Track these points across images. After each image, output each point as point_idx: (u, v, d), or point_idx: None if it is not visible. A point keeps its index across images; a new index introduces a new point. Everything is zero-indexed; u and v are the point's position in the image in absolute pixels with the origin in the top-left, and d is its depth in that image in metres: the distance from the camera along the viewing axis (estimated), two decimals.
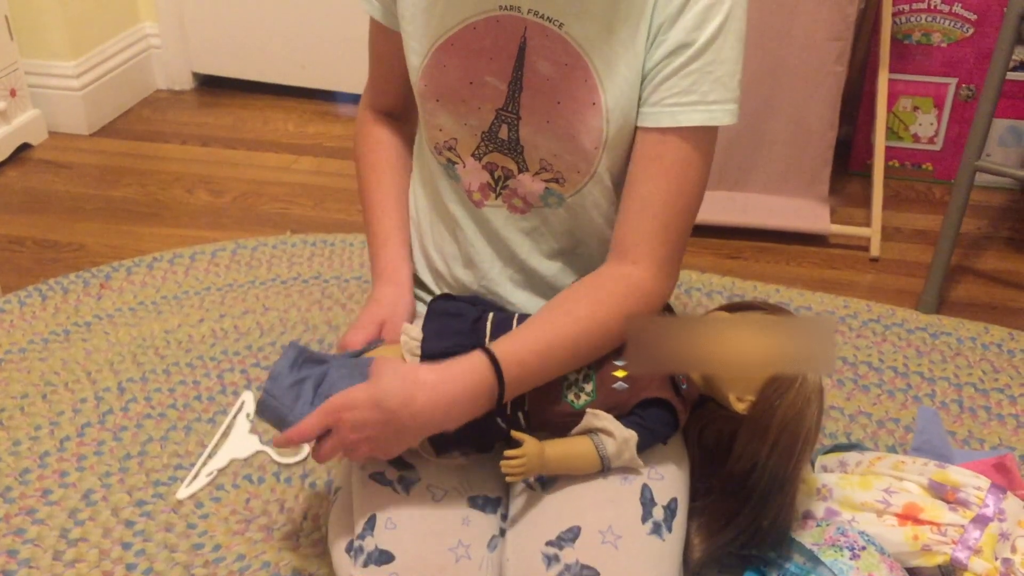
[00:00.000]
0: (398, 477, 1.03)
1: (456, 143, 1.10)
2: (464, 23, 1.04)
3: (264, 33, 2.51)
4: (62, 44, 2.30)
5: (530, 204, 1.11)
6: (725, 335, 1.06)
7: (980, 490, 1.15)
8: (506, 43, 1.04)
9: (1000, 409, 1.53)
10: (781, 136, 2.00)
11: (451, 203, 1.14)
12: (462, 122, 1.08)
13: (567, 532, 0.98)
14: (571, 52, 1.02)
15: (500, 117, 1.07)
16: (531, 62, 1.03)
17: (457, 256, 1.17)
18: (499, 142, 1.08)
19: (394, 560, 0.96)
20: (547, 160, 1.07)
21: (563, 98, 1.03)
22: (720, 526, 1.12)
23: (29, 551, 1.23)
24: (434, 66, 1.06)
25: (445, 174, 1.13)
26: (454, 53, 1.05)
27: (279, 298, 1.75)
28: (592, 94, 1.02)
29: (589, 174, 1.07)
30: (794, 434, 1.03)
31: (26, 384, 1.52)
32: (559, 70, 1.03)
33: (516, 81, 1.05)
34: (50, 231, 1.95)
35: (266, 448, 1.39)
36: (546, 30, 1.02)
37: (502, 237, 1.13)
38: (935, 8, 2.10)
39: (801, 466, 1.07)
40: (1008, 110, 2.14)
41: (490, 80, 1.05)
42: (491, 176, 1.11)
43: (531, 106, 1.05)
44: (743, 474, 1.08)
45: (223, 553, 1.24)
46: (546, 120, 1.05)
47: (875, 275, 1.90)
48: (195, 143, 2.36)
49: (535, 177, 1.09)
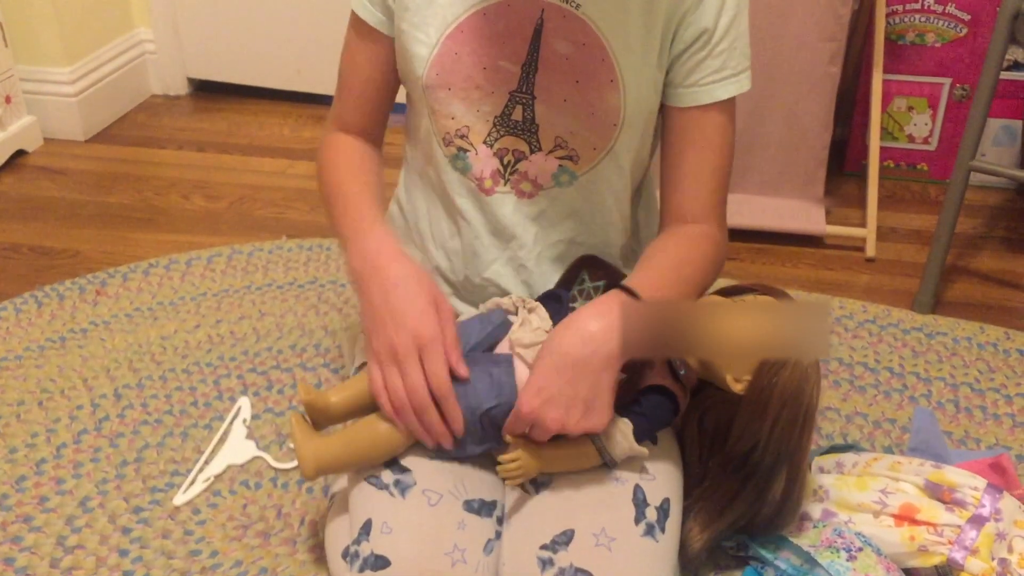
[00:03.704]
0: (394, 481, 1.02)
1: (468, 130, 1.10)
2: (473, 9, 1.06)
3: (259, 38, 2.51)
4: (57, 50, 2.29)
5: (540, 186, 1.12)
6: (719, 319, 1.06)
7: (976, 490, 1.15)
8: (520, 26, 1.06)
9: (996, 409, 1.53)
10: (776, 137, 2.01)
11: (458, 196, 1.14)
12: (475, 108, 1.09)
13: (561, 535, 0.98)
14: (588, 32, 1.05)
15: (514, 99, 1.09)
16: (548, 42, 1.06)
17: (459, 251, 1.17)
18: (512, 124, 1.09)
19: (390, 565, 0.96)
20: (563, 137, 1.09)
21: (581, 77, 1.07)
22: (719, 511, 1.12)
23: (26, 559, 1.23)
24: (445, 55, 1.07)
25: (452, 166, 1.13)
26: (465, 40, 1.06)
27: (275, 303, 1.75)
28: (610, 72, 1.06)
29: (605, 150, 1.10)
30: (794, 409, 1.03)
31: (22, 391, 1.51)
32: (577, 49, 1.06)
33: (531, 62, 1.07)
34: (46, 237, 1.95)
35: (263, 454, 1.39)
36: (563, 11, 1.05)
37: (508, 225, 1.14)
38: (929, 8, 2.10)
39: (806, 439, 1.07)
40: (1002, 110, 2.14)
41: (503, 64, 1.07)
42: (500, 162, 1.11)
43: (547, 86, 1.07)
44: (743, 455, 1.07)
45: (220, 559, 1.23)
46: (563, 99, 1.08)
47: (871, 275, 1.91)
48: (190, 148, 2.35)
49: (548, 156, 1.11)
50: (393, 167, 1.29)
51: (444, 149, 1.13)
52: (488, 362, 1.04)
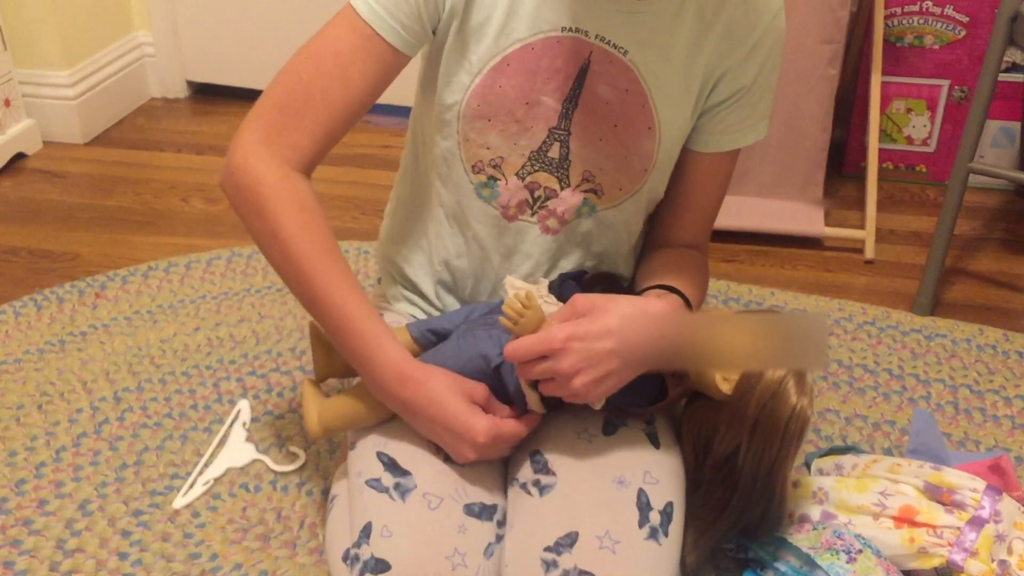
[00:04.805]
0: (394, 484, 1.02)
1: (502, 161, 1.10)
2: (521, 43, 1.04)
3: (258, 41, 2.51)
4: (56, 54, 2.30)
5: (565, 221, 1.13)
6: (717, 331, 1.06)
7: (976, 492, 1.15)
8: (565, 64, 1.05)
9: (995, 410, 1.54)
10: (775, 140, 2.01)
11: (477, 222, 1.14)
12: (511, 141, 1.08)
13: (564, 537, 0.98)
14: (632, 79, 1.06)
15: (552, 135, 1.08)
16: (591, 85, 1.06)
17: (465, 271, 1.17)
18: (547, 161, 1.09)
19: (390, 569, 0.96)
20: (591, 172, 1.10)
21: (620, 122, 1.07)
22: (711, 520, 1.12)
23: (26, 562, 1.23)
24: (488, 85, 1.06)
25: (478, 194, 1.12)
26: (511, 73, 1.05)
27: (274, 306, 1.75)
28: (648, 119, 1.07)
29: (631, 192, 1.12)
30: (773, 417, 1.02)
31: (21, 395, 1.51)
32: (619, 95, 1.06)
33: (572, 100, 1.06)
34: (45, 241, 1.95)
35: (262, 456, 1.39)
36: (610, 56, 1.05)
37: (524, 253, 1.14)
38: (927, 11, 2.10)
39: (786, 456, 1.05)
40: (1001, 111, 2.15)
41: (545, 99, 1.06)
42: (531, 195, 1.11)
43: (584, 124, 1.07)
44: (727, 458, 1.07)
45: (220, 563, 1.23)
46: (599, 139, 1.08)
47: (870, 277, 1.91)
48: (190, 151, 2.35)
49: (575, 190, 1.11)
50: (394, 169, 1.29)
51: (472, 176, 1.11)
52: (486, 325, 1.06)
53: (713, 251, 1.95)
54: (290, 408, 1.50)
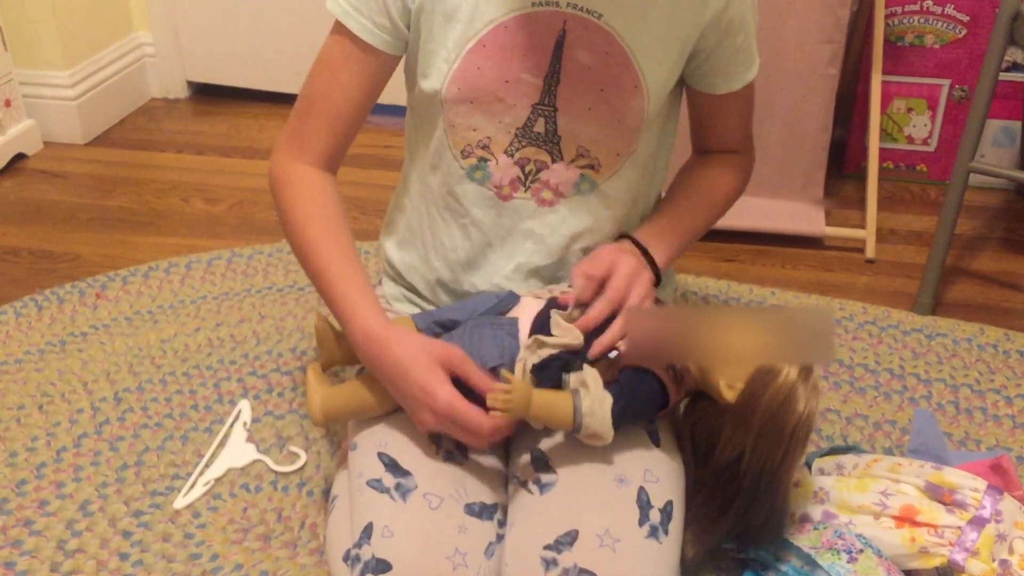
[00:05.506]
0: (395, 485, 1.03)
1: (490, 141, 1.11)
2: (494, 23, 1.05)
3: (258, 40, 2.51)
4: (56, 54, 2.30)
5: (561, 194, 1.13)
6: (723, 325, 1.06)
7: (977, 492, 1.15)
8: (541, 38, 1.06)
9: (996, 410, 1.53)
10: (775, 139, 2.01)
11: (473, 206, 1.14)
12: (496, 120, 1.09)
13: (565, 536, 0.98)
14: (610, 40, 1.06)
15: (536, 111, 1.09)
16: (571, 54, 1.06)
17: (464, 261, 1.17)
18: (534, 136, 1.10)
19: (391, 569, 0.96)
20: (585, 147, 1.11)
21: (605, 85, 1.08)
22: (712, 520, 1.11)
23: (26, 563, 1.23)
24: (466, 69, 1.07)
25: (470, 177, 1.13)
26: (487, 54, 1.06)
27: (275, 306, 1.75)
28: (633, 78, 1.08)
29: (628, 154, 1.12)
30: (779, 426, 1.00)
31: (22, 395, 1.51)
32: (600, 58, 1.07)
33: (553, 74, 1.07)
34: (45, 241, 1.95)
35: (263, 457, 1.39)
36: (586, 22, 1.05)
37: (524, 231, 1.14)
38: (927, 10, 2.10)
39: (791, 463, 1.04)
40: (1001, 111, 2.14)
41: (525, 76, 1.07)
42: (522, 171, 1.12)
43: (570, 97, 1.08)
44: (729, 464, 1.07)
45: (221, 563, 1.23)
46: (588, 108, 1.09)
47: (870, 277, 1.91)
48: (190, 152, 2.35)
49: (570, 165, 1.12)
50: (394, 169, 1.29)
51: (461, 161, 1.12)
52: (493, 325, 1.06)
53: (713, 251, 1.96)
54: (291, 408, 1.50)
